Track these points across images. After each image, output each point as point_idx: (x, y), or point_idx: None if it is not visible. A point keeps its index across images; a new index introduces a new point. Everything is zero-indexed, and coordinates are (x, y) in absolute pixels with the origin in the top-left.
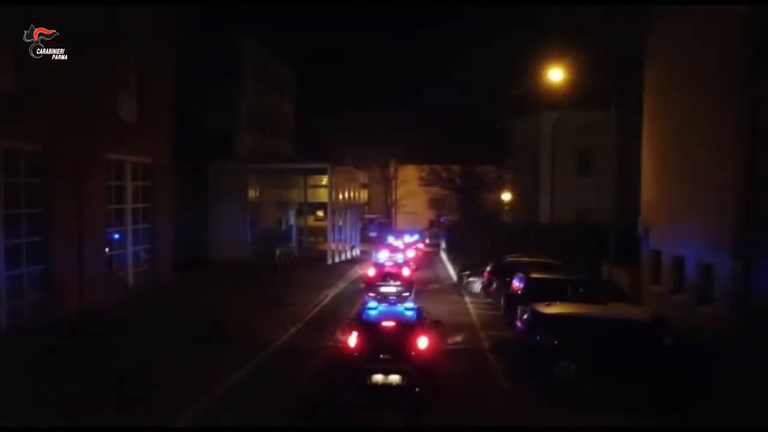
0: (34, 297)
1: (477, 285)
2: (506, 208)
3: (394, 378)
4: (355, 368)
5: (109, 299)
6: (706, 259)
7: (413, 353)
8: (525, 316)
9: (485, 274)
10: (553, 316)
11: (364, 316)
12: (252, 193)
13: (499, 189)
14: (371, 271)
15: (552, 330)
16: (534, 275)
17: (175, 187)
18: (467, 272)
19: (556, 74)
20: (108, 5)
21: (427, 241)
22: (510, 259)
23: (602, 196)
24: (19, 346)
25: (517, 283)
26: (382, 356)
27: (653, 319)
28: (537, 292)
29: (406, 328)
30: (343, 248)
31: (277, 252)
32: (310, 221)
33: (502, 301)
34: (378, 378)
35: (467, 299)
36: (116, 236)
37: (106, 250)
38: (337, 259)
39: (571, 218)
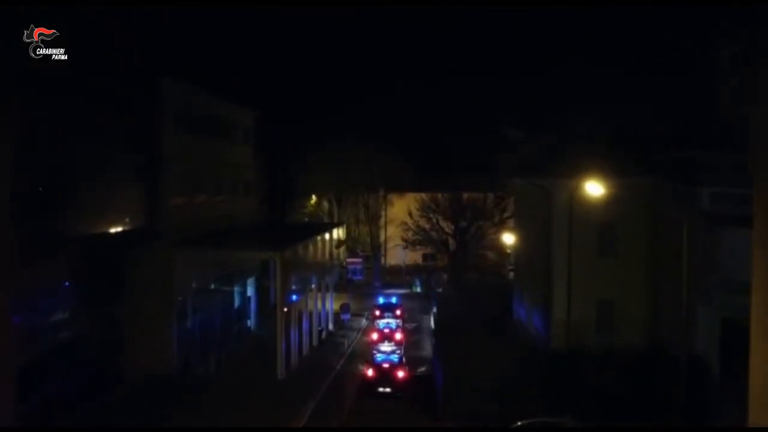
0: None
1: None
2: (509, 252)
3: (388, 389)
4: (371, 384)
5: None
6: None
7: (396, 378)
8: None
9: None
10: None
11: (374, 360)
12: (188, 273)
13: (501, 229)
14: (375, 335)
15: None
16: None
17: (85, 282)
18: None
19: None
20: None
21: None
22: None
23: (629, 284)
24: None
25: None
26: (382, 379)
27: None
28: None
29: (394, 366)
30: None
31: (212, 362)
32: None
33: None
34: (380, 389)
35: None
36: None
37: None
38: (295, 358)
39: (590, 313)
